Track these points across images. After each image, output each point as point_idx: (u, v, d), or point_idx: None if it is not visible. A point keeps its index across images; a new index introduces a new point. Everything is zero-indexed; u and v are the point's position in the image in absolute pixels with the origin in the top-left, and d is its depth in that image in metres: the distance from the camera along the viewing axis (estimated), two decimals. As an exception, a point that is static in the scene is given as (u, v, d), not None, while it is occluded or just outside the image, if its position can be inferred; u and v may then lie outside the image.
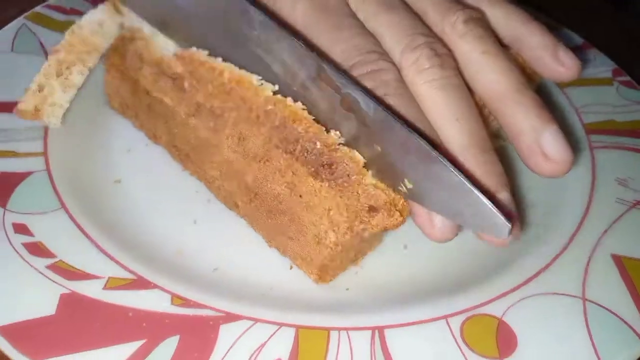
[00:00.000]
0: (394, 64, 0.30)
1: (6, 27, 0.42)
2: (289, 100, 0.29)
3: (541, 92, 0.43)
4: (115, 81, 0.37)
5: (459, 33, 0.31)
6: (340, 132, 0.28)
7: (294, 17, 0.31)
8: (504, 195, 0.27)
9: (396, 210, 0.28)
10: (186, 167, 0.36)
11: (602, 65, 0.47)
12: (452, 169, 0.25)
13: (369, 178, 0.28)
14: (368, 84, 0.28)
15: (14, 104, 0.36)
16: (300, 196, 0.28)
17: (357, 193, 0.28)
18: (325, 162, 0.28)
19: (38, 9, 0.44)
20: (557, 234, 0.34)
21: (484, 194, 0.25)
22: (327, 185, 0.28)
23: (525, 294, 0.30)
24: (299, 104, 0.29)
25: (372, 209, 0.28)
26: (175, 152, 0.36)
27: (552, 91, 0.43)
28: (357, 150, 0.28)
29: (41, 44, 0.41)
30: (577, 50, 0.47)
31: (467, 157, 0.28)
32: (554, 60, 0.32)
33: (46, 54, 0.41)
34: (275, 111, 0.29)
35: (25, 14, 0.43)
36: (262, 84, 0.30)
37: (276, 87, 0.30)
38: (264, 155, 0.29)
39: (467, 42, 0.31)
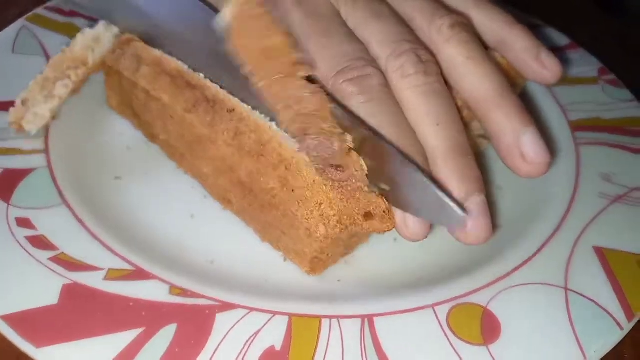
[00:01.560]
0: (380, 70, 0.31)
1: (7, 29, 0.43)
2: None
3: (528, 91, 0.44)
4: (114, 83, 0.38)
5: (445, 37, 0.32)
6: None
7: (292, 23, 0.32)
8: (479, 199, 0.29)
9: (389, 217, 0.29)
10: (181, 166, 0.37)
11: (588, 65, 0.48)
12: (411, 165, 0.27)
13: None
14: (354, 88, 0.29)
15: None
16: (293, 191, 0.30)
17: (358, 198, 0.29)
18: (335, 164, 0.29)
19: (38, 10, 0.45)
20: (541, 227, 0.35)
21: (441, 189, 0.27)
22: (320, 179, 0.29)
23: (509, 284, 0.31)
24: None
25: (368, 215, 0.29)
26: (170, 151, 0.37)
27: (539, 89, 0.44)
28: None
29: (41, 45, 0.43)
30: (563, 50, 0.49)
31: (446, 160, 0.29)
32: (536, 63, 0.34)
33: (47, 54, 0.42)
34: None
35: (26, 15, 0.44)
36: None
37: None
38: (258, 150, 0.30)
39: (453, 46, 0.32)
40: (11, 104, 0.37)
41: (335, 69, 0.30)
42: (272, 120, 0.31)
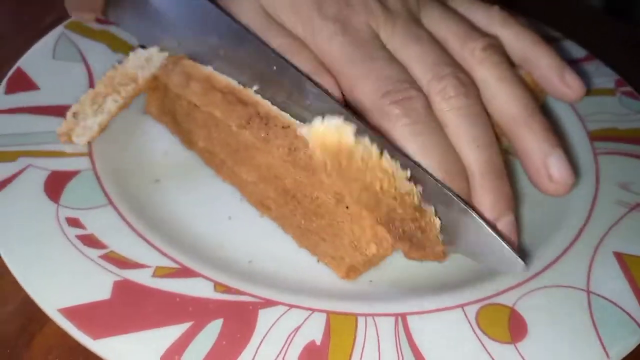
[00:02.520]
0: (422, 92, 0.32)
1: (47, 36, 0.44)
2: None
3: (548, 101, 0.46)
4: (157, 92, 0.39)
5: (478, 60, 0.34)
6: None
7: (330, 51, 0.33)
8: (510, 218, 0.31)
9: (442, 256, 0.31)
10: (219, 172, 0.38)
11: (605, 76, 0.49)
12: (476, 216, 0.29)
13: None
14: (399, 110, 0.31)
15: (59, 107, 0.39)
16: (347, 207, 0.30)
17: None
18: (410, 228, 0.30)
19: (74, 19, 0.47)
20: (563, 233, 0.37)
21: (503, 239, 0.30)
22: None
23: (534, 286, 0.33)
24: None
25: (421, 246, 0.30)
26: (209, 157, 0.38)
27: (559, 100, 0.46)
28: None
29: (80, 52, 0.44)
30: (581, 62, 0.50)
31: (484, 181, 0.31)
32: (560, 82, 0.36)
33: (85, 61, 0.44)
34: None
35: (64, 23, 0.46)
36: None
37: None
38: (313, 165, 0.31)
39: (485, 68, 0.34)
40: (54, 108, 0.39)
41: (381, 91, 0.32)
42: None
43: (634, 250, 0.35)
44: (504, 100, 0.34)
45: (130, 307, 0.29)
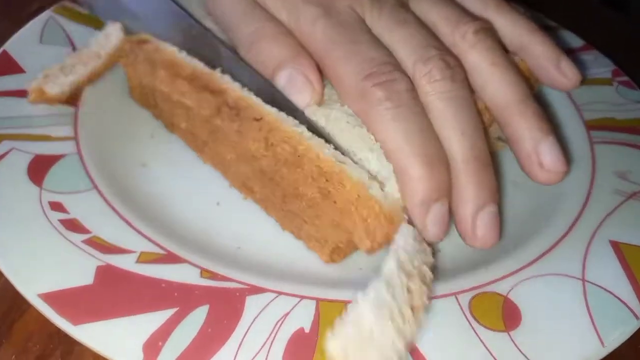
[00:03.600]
0: (406, 74, 0.31)
1: (34, 20, 0.44)
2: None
3: (544, 90, 0.45)
4: (134, 78, 0.39)
5: (470, 43, 0.33)
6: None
7: (313, 35, 0.33)
8: (492, 209, 0.31)
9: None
10: (201, 154, 0.37)
11: (602, 66, 0.49)
12: None
13: None
14: (381, 92, 0.30)
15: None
16: (335, 202, 0.29)
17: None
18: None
19: (64, 2, 0.46)
20: (559, 221, 0.36)
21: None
22: (365, 194, 0.28)
23: (528, 275, 0.32)
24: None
25: None
26: (191, 139, 0.37)
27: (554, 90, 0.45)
28: None
29: (68, 35, 0.43)
30: (578, 51, 0.50)
31: (467, 169, 0.30)
32: (556, 71, 0.35)
33: (73, 45, 0.43)
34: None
35: (53, 7, 0.45)
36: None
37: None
38: (294, 161, 0.30)
39: (477, 52, 0.33)
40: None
41: (363, 73, 0.31)
42: (302, 124, 0.30)
43: (630, 239, 0.35)
44: (497, 86, 0.33)
45: (113, 293, 0.28)
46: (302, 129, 0.30)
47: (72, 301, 0.27)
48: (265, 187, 0.33)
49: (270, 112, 0.31)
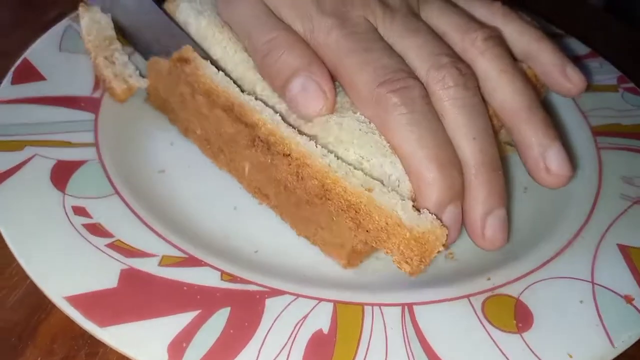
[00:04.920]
0: (420, 81, 0.32)
1: (53, 28, 0.44)
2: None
3: (551, 97, 0.46)
4: (155, 83, 0.39)
5: (479, 50, 0.34)
6: None
7: (328, 44, 0.33)
8: (501, 212, 0.32)
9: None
10: (216, 160, 0.38)
11: (607, 73, 0.50)
12: None
13: None
14: (396, 99, 0.31)
15: (66, 98, 0.39)
16: (368, 231, 0.30)
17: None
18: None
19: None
20: (567, 225, 0.37)
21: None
22: (392, 221, 0.29)
23: (539, 278, 0.33)
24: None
25: None
26: (206, 145, 0.38)
27: (561, 96, 0.46)
28: None
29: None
30: (583, 59, 0.51)
31: (478, 174, 0.31)
32: (562, 77, 0.36)
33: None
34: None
35: (70, 15, 0.46)
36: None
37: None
38: (324, 194, 0.30)
39: (487, 59, 0.34)
40: (60, 99, 0.39)
41: (378, 80, 0.31)
42: (323, 148, 0.31)
43: (638, 242, 0.35)
44: (505, 93, 0.34)
45: (137, 296, 0.29)
46: (330, 158, 0.31)
47: (98, 304, 0.28)
48: (280, 194, 0.34)
49: (298, 145, 0.31)
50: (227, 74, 0.35)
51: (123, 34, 0.43)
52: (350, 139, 0.32)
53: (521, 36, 0.37)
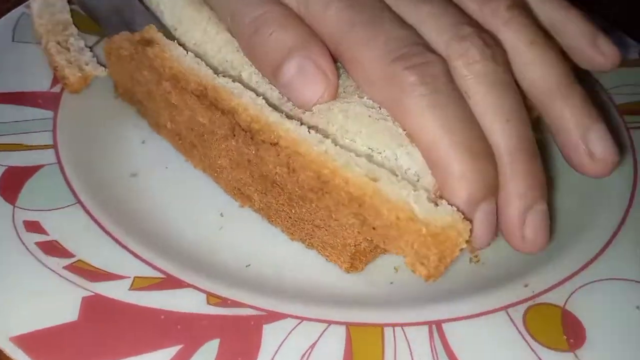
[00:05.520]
0: (441, 56, 0.28)
1: (6, 17, 0.40)
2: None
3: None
4: (117, 69, 0.35)
5: (503, 20, 0.30)
6: None
7: (327, 17, 0.29)
8: (542, 207, 0.28)
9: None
10: (190, 157, 0.33)
11: (628, 47, 0.46)
12: None
13: None
14: (414, 77, 0.26)
15: (19, 94, 0.35)
16: (374, 229, 0.26)
17: None
18: None
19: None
20: (606, 218, 0.32)
21: None
22: (404, 216, 0.24)
23: (584, 281, 0.29)
24: None
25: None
26: (178, 141, 0.34)
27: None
28: None
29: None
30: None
31: (514, 162, 0.27)
32: (592, 49, 0.32)
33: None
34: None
35: (26, 2, 0.41)
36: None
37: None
38: (321, 187, 0.26)
39: (513, 30, 0.29)
40: (11, 96, 0.35)
41: (391, 55, 0.27)
42: (318, 133, 0.27)
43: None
44: (537, 68, 0.29)
45: (104, 330, 0.24)
46: (327, 145, 0.26)
47: (53, 344, 0.23)
48: (267, 194, 0.29)
49: (288, 131, 0.27)
50: (206, 61, 0.31)
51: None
52: (358, 128, 0.27)
53: (544, 4, 0.32)
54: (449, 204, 0.25)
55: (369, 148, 0.27)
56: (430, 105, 0.26)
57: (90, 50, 0.37)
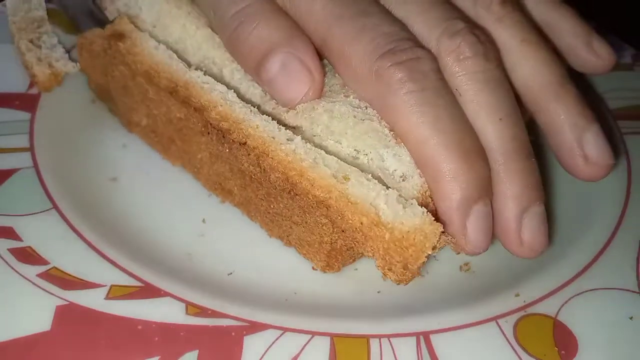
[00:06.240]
0: (431, 52, 0.27)
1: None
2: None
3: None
4: (89, 64, 0.34)
5: (496, 16, 0.29)
6: None
7: (313, 11, 0.28)
8: (540, 209, 0.27)
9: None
10: (168, 155, 0.33)
11: (621, 51, 0.45)
12: None
13: None
14: (402, 73, 0.25)
15: None
16: (344, 231, 0.25)
17: None
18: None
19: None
20: (600, 226, 0.32)
21: None
22: (368, 220, 0.24)
23: (576, 291, 0.28)
24: None
25: None
26: (154, 138, 0.33)
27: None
28: None
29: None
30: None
31: (508, 163, 0.26)
32: (587, 50, 0.31)
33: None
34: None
35: (2, 2, 0.40)
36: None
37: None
38: (290, 188, 0.25)
39: (506, 27, 0.29)
40: None
41: (378, 51, 0.26)
42: (288, 131, 0.26)
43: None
44: (530, 67, 0.28)
45: (78, 341, 0.23)
46: (296, 143, 0.26)
47: (26, 354, 0.22)
48: (246, 188, 0.29)
49: (256, 130, 0.26)
50: (186, 58, 0.30)
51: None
52: (343, 128, 0.27)
53: (537, 4, 0.32)
54: (437, 206, 0.24)
55: (355, 149, 0.27)
56: (419, 103, 0.25)
57: (63, 47, 0.36)
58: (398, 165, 0.26)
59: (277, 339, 0.24)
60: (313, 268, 0.28)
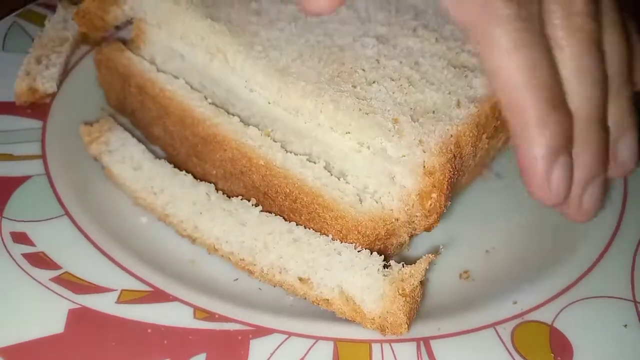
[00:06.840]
0: None
1: (-4, 25, 0.40)
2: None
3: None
4: (106, 77, 0.35)
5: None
6: None
7: None
8: (601, 180, 0.27)
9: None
10: (186, 168, 0.33)
11: None
12: None
13: None
14: (511, 10, 0.24)
15: (8, 104, 0.34)
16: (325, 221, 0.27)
17: None
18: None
19: (30, 6, 0.42)
20: (596, 235, 0.32)
21: None
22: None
23: (573, 298, 0.28)
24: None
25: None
26: (172, 152, 0.33)
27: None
28: None
29: (33, 41, 0.39)
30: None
31: (589, 130, 0.26)
32: (622, 173, 0.29)
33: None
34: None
35: (17, 12, 0.41)
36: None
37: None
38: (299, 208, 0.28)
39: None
40: (2, 105, 0.34)
41: None
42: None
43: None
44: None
45: (90, 343, 0.24)
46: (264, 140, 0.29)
47: (38, 356, 0.23)
48: (261, 203, 0.29)
49: (234, 137, 0.29)
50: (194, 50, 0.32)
51: None
52: (348, 120, 0.28)
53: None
54: (521, 155, 0.24)
55: (358, 143, 0.27)
56: (520, 43, 0.24)
57: (65, 67, 0.37)
58: (400, 153, 0.27)
59: (282, 343, 0.24)
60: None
